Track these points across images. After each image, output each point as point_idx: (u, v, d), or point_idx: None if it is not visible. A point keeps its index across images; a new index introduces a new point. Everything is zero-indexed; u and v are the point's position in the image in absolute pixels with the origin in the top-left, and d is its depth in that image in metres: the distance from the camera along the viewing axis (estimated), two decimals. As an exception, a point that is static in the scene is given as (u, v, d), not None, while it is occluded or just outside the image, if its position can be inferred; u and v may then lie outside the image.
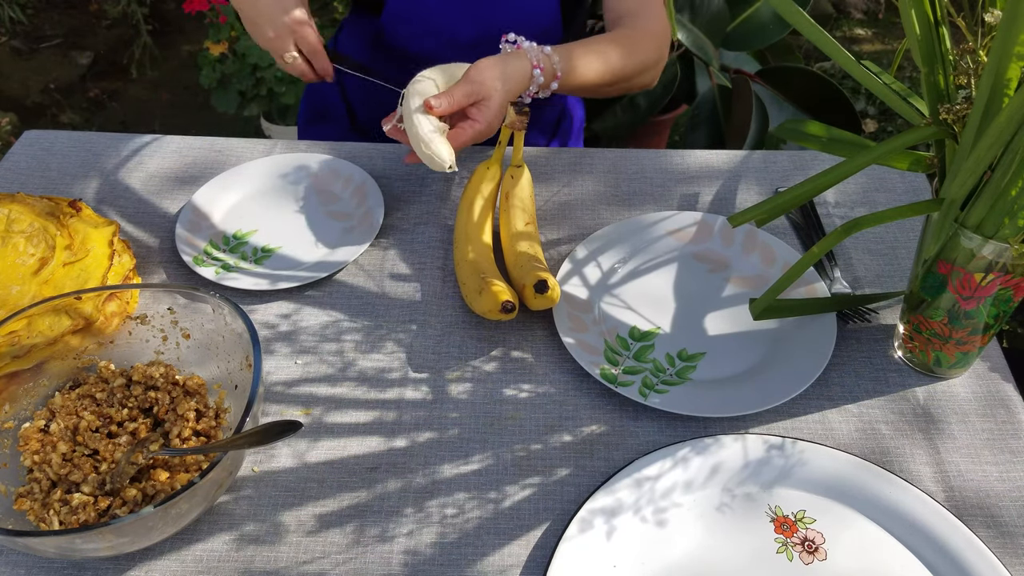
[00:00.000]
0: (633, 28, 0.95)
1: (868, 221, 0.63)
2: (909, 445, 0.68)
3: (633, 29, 0.95)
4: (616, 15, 0.98)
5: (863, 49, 2.63)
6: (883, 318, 0.78)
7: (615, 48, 0.92)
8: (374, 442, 0.69)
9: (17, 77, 2.60)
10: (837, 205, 0.90)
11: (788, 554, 0.61)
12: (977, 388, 0.72)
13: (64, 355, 0.69)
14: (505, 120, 0.81)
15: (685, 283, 0.81)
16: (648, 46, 0.95)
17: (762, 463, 0.66)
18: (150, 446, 0.63)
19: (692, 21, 1.43)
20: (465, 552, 0.62)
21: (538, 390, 0.73)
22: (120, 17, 2.78)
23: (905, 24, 0.60)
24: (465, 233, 0.81)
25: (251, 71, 2.06)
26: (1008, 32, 0.52)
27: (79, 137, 0.99)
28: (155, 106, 2.49)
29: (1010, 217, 0.58)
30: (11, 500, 0.62)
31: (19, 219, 0.77)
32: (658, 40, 0.96)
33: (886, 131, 2.34)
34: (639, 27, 0.95)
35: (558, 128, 1.19)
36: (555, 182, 0.93)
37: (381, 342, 0.76)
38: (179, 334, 0.71)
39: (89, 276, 0.75)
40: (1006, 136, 0.54)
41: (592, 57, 0.90)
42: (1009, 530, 0.63)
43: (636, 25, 0.95)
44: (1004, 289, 0.63)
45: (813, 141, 0.69)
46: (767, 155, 0.97)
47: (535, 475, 0.67)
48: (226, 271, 0.82)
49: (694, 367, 0.74)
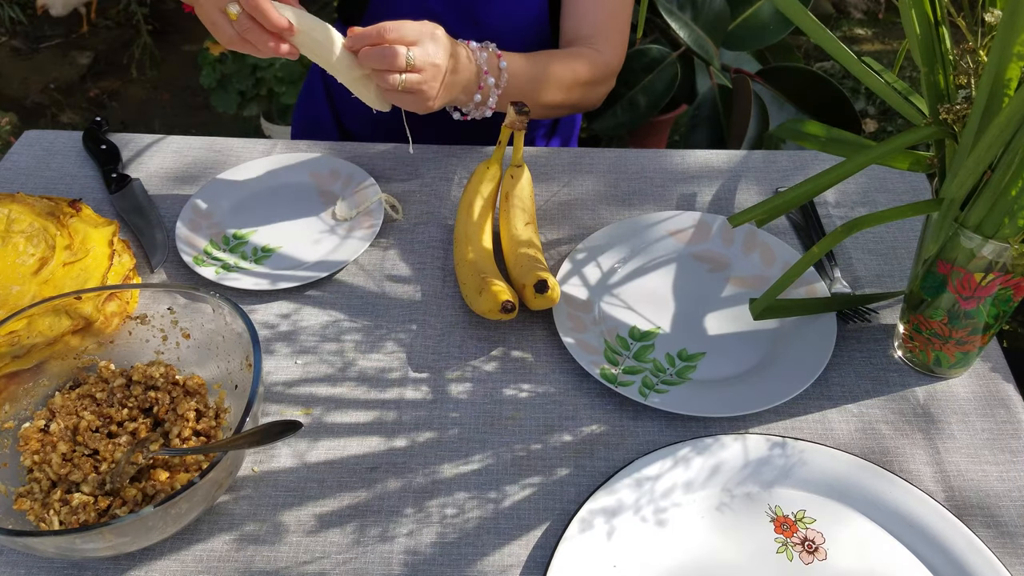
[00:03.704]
0: (584, 47, 0.98)
1: (868, 221, 0.63)
2: (909, 445, 0.68)
3: (583, 48, 0.98)
4: (572, 37, 1.00)
5: (863, 49, 2.63)
6: (883, 318, 0.78)
7: (560, 54, 0.95)
8: (374, 442, 0.69)
9: (17, 77, 2.60)
10: (837, 205, 0.90)
11: (788, 554, 0.61)
12: (977, 388, 0.72)
13: (64, 355, 0.69)
14: (505, 120, 0.81)
15: (685, 283, 0.81)
16: (595, 63, 0.97)
17: (762, 463, 0.66)
18: (150, 446, 0.63)
19: (694, 20, 1.43)
20: (465, 552, 0.62)
21: (538, 390, 0.73)
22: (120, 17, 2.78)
23: (905, 24, 0.60)
24: (465, 233, 0.81)
25: (251, 71, 2.06)
26: (1008, 32, 0.52)
27: (79, 137, 0.99)
28: (155, 106, 2.49)
29: (1010, 217, 0.58)
30: (11, 500, 0.62)
31: (19, 219, 0.77)
32: (607, 67, 0.99)
33: (886, 131, 2.34)
34: (590, 48, 0.98)
35: (557, 128, 1.19)
36: (555, 182, 0.93)
37: (381, 342, 0.76)
38: (179, 334, 0.71)
39: (89, 276, 0.75)
40: (1006, 136, 0.54)
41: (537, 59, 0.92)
42: (1009, 530, 0.63)
43: (588, 46, 0.98)
44: (1004, 289, 0.63)
45: (813, 141, 0.69)
46: (767, 155, 0.97)
47: (535, 475, 0.67)
48: (226, 271, 0.82)
49: (694, 367, 0.74)
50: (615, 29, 0.99)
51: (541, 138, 1.18)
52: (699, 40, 1.42)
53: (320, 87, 1.18)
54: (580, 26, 0.99)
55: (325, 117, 1.18)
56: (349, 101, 1.15)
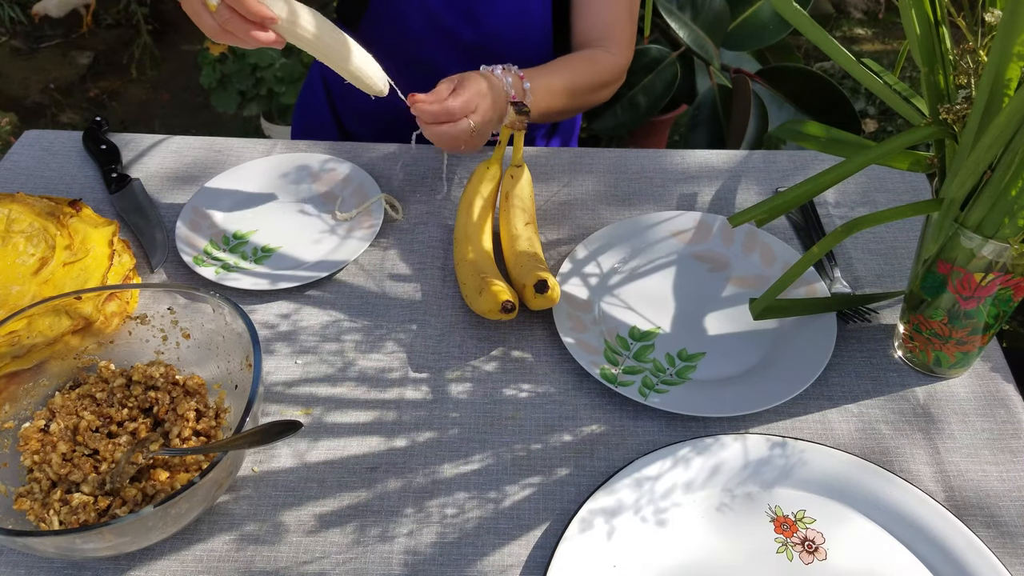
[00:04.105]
0: (596, 50, 1.00)
1: (868, 221, 0.63)
2: (909, 445, 0.68)
3: (596, 51, 1.00)
4: (584, 40, 1.02)
5: (863, 49, 2.63)
6: (883, 318, 0.78)
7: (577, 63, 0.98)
8: (374, 442, 0.69)
9: (17, 77, 2.60)
10: (837, 205, 0.90)
11: (788, 554, 0.61)
12: (977, 388, 0.72)
13: (64, 355, 0.69)
14: (505, 120, 0.81)
15: (685, 283, 0.81)
16: (608, 66, 1.00)
17: (762, 463, 0.66)
18: (150, 446, 0.63)
19: (694, 20, 1.43)
20: (465, 552, 0.62)
21: (538, 390, 0.73)
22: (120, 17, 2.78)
23: (905, 24, 0.60)
24: (465, 233, 0.81)
25: (251, 71, 2.06)
26: (1008, 32, 0.52)
27: (79, 137, 0.99)
28: (155, 106, 2.49)
29: (1010, 217, 0.58)
30: (11, 500, 0.62)
31: (19, 219, 0.77)
32: (619, 68, 1.02)
33: (886, 131, 2.34)
34: (602, 50, 1.00)
35: (557, 128, 1.19)
36: (555, 182, 0.93)
37: (381, 342, 0.76)
38: (179, 334, 0.71)
39: (89, 276, 0.75)
40: (1006, 136, 0.54)
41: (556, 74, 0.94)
42: (1009, 530, 0.63)
43: (600, 48, 1.01)
44: (1004, 289, 0.63)
45: (813, 141, 0.69)
46: (767, 155, 0.97)
47: (535, 475, 0.67)
48: (226, 271, 0.82)
49: (694, 367, 0.74)
50: (625, 29, 1.01)
51: (541, 138, 1.18)
52: (699, 40, 1.42)
53: (320, 87, 1.18)
54: (592, 27, 1.00)
55: (325, 117, 1.18)
56: (349, 101, 1.15)
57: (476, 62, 0.93)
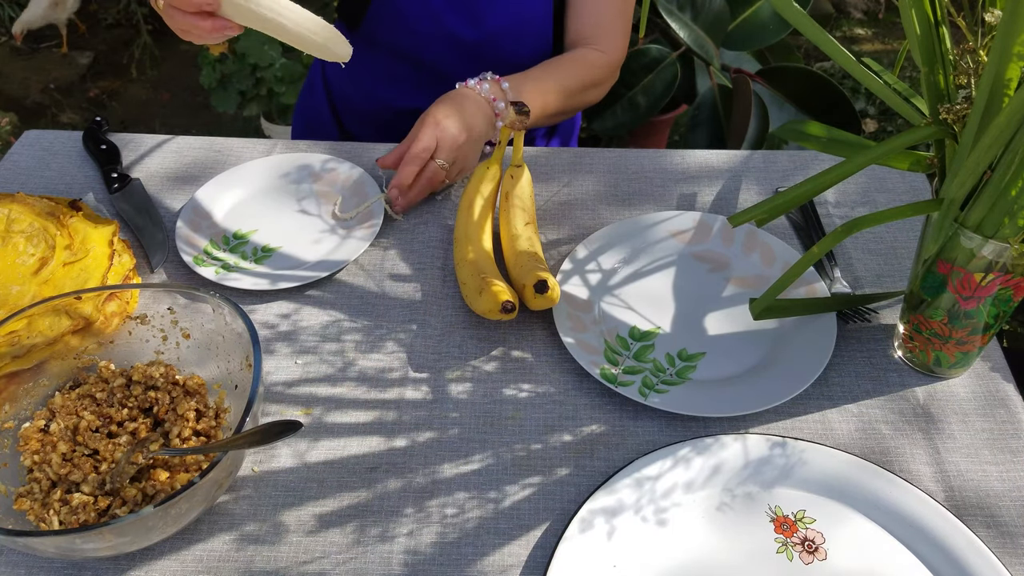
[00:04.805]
0: (587, 49, 1.01)
1: (868, 221, 0.63)
2: (909, 445, 0.68)
3: (587, 50, 1.01)
4: (575, 39, 1.02)
5: (863, 49, 2.63)
6: (883, 318, 0.78)
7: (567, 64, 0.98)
8: (374, 442, 0.69)
9: (17, 77, 2.60)
10: (837, 205, 0.90)
11: (788, 554, 0.61)
12: (977, 388, 0.72)
13: (64, 355, 0.69)
14: (505, 120, 0.81)
15: (685, 283, 0.81)
16: (599, 65, 1.00)
17: (762, 463, 0.66)
18: (150, 446, 0.63)
19: (694, 20, 1.43)
20: (465, 552, 0.62)
21: (538, 390, 0.73)
22: (120, 17, 2.78)
23: (905, 24, 0.60)
24: (465, 233, 0.81)
25: (251, 71, 2.06)
26: (1008, 32, 0.52)
27: (79, 137, 0.99)
28: (155, 106, 2.49)
29: (1010, 217, 0.58)
30: (11, 500, 0.62)
31: (19, 219, 0.77)
32: (611, 67, 1.02)
33: (886, 131, 2.34)
34: (593, 49, 1.01)
35: (557, 128, 1.19)
36: (555, 182, 0.93)
37: (381, 342, 0.76)
38: (179, 334, 0.71)
39: (89, 276, 0.75)
40: (1006, 136, 0.54)
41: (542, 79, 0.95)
42: (1009, 530, 0.63)
43: (591, 47, 1.01)
44: (1004, 289, 0.63)
45: (813, 141, 0.69)
46: (767, 155, 0.97)
47: (535, 475, 0.67)
48: (226, 271, 0.82)
49: (694, 367, 0.74)
50: (618, 28, 1.01)
51: (541, 138, 1.18)
52: (699, 40, 1.42)
53: (320, 87, 1.18)
54: (584, 26, 1.00)
55: (325, 117, 1.18)
56: (349, 101, 1.15)
57: (477, 62, 0.94)
